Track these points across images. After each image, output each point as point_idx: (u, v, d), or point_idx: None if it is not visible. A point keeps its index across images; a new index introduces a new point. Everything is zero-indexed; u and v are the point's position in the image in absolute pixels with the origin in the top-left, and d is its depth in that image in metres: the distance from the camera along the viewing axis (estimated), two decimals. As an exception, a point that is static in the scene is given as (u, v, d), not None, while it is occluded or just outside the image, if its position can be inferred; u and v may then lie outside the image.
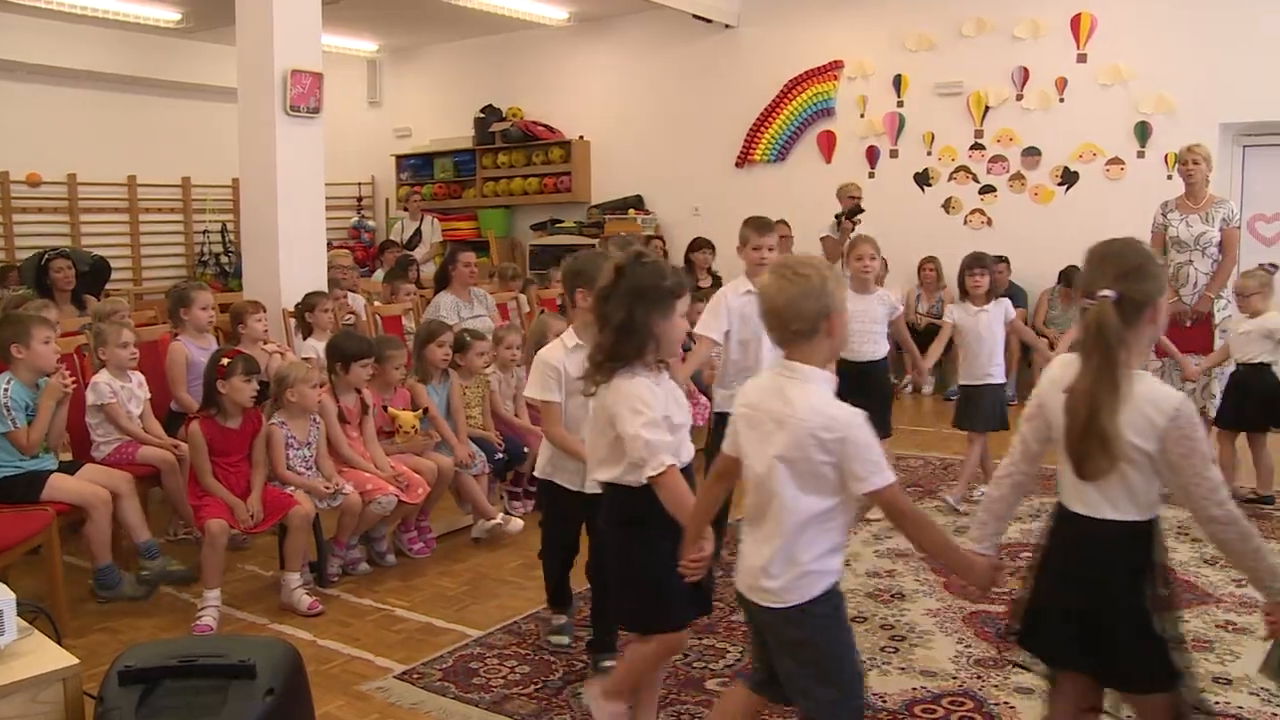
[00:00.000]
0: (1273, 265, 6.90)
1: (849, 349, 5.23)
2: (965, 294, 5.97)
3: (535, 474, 3.88)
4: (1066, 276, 8.86)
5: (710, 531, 2.77)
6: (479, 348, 5.68)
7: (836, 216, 8.80)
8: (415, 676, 3.76)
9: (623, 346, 2.82)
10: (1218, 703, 3.47)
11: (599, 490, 3.09)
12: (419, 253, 11.04)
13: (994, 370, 5.90)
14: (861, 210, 8.77)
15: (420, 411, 5.29)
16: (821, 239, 8.81)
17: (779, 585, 2.43)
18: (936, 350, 6.07)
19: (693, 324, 4.13)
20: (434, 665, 3.85)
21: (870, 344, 5.52)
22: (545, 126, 12.27)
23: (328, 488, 4.63)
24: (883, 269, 6.93)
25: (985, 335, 5.86)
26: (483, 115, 12.61)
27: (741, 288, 4.60)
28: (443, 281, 7.40)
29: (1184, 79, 8.92)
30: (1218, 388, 6.31)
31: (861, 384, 4.71)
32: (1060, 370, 2.48)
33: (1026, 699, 3.51)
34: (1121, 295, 2.34)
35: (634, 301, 2.80)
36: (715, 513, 2.78)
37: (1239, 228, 6.92)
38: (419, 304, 7.71)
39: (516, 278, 8.50)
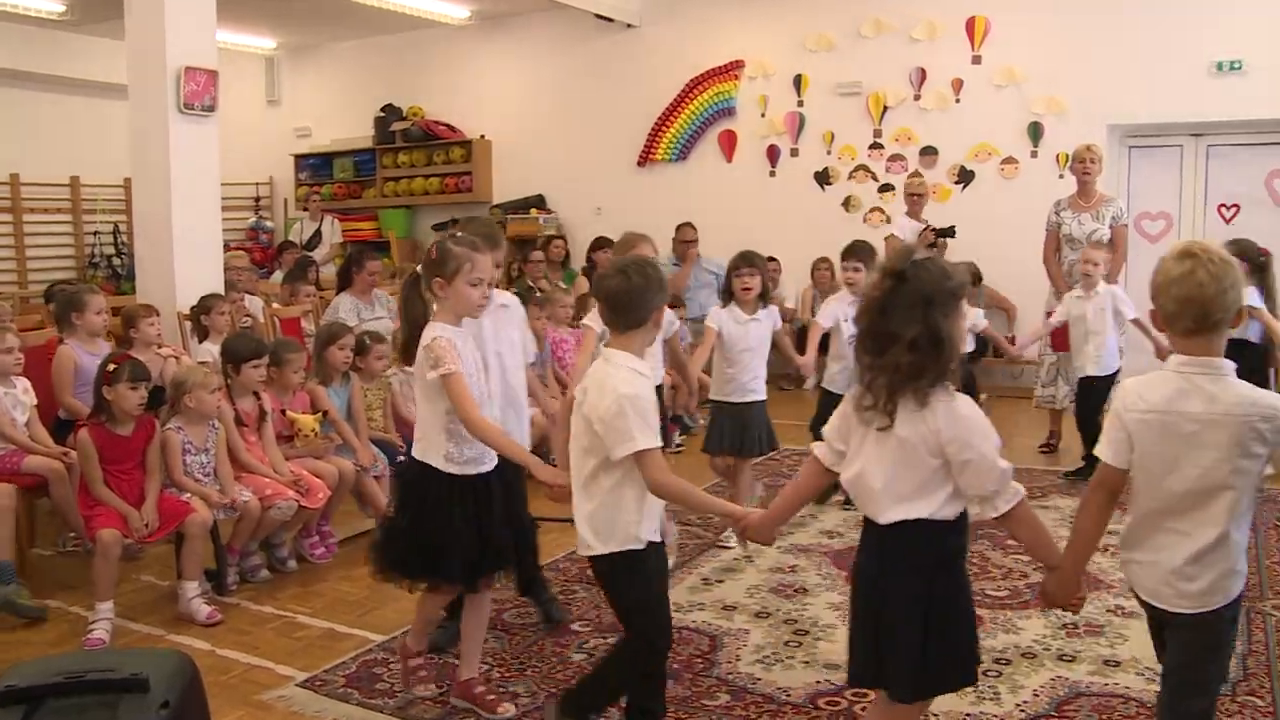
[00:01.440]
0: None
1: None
2: (732, 298, 5.20)
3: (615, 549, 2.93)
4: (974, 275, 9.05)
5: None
6: (378, 350, 5.62)
7: (933, 231, 7.94)
8: (317, 684, 3.69)
9: (927, 362, 2.39)
10: (1106, 684, 3.57)
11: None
12: (319, 254, 10.88)
13: (758, 385, 5.22)
14: (953, 233, 8.00)
15: (320, 414, 5.21)
16: (886, 238, 8.31)
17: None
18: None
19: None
20: (337, 672, 3.79)
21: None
22: (446, 126, 12.17)
23: (219, 500, 4.53)
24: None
25: (755, 346, 5.19)
26: (383, 114, 12.46)
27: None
28: (343, 283, 7.30)
29: (1073, 81, 9.17)
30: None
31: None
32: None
33: (928, 689, 3.56)
34: None
35: (927, 309, 2.41)
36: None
37: (1127, 225, 7.12)
38: (318, 306, 7.59)
39: (418, 278, 8.41)
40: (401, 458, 5.50)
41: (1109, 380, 6.17)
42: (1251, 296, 5.56)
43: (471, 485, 3.29)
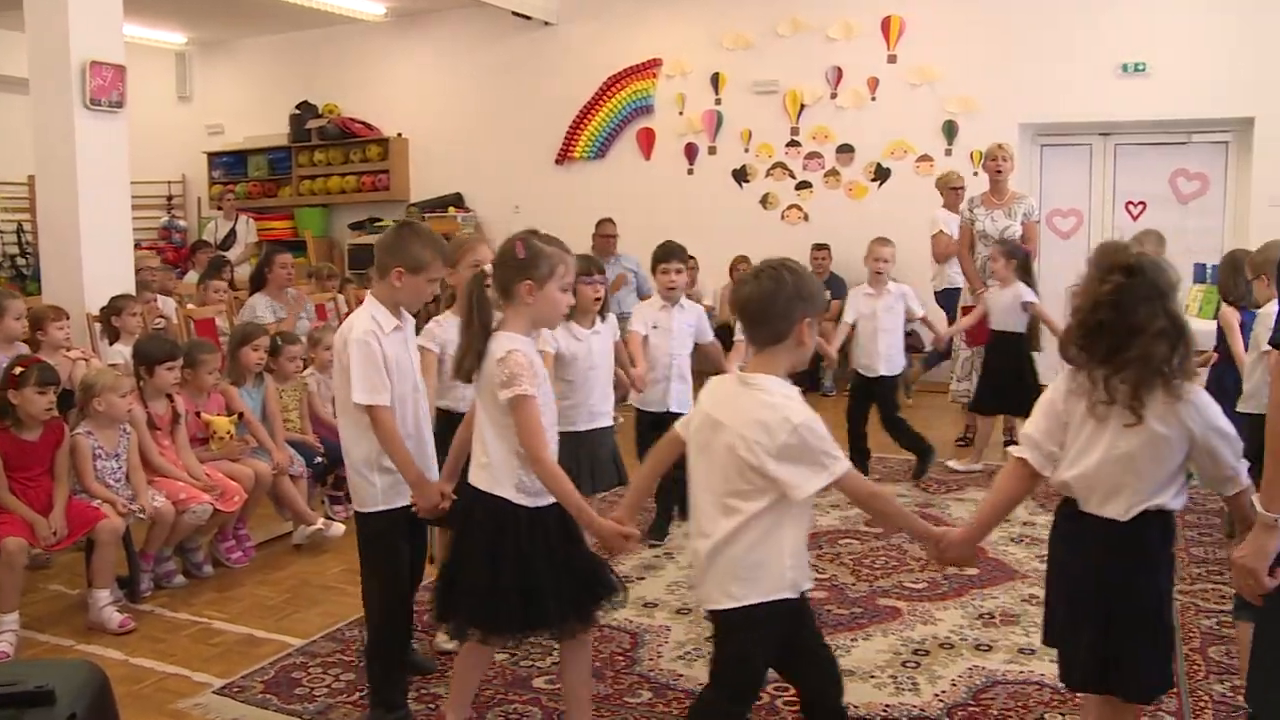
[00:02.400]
0: None
1: None
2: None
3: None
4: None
5: None
6: (291, 351, 5.55)
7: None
8: (235, 690, 3.63)
9: (1174, 352, 2.36)
10: (1022, 672, 3.64)
11: None
12: (234, 253, 10.69)
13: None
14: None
15: (235, 416, 5.12)
16: (934, 235, 8.39)
17: None
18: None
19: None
20: (255, 677, 3.72)
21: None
22: (363, 124, 12.04)
23: (124, 509, 4.41)
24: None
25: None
26: (298, 112, 12.29)
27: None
28: (258, 283, 7.20)
29: (986, 81, 9.34)
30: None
31: None
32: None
33: (848, 680, 3.59)
34: None
35: (1164, 300, 2.39)
36: None
37: (1038, 222, 7.26)
38: (233, 306, 7.46)
39: (333, 277, 8.32)
40: (319, 459, 5.45)
41: (896, 380, 6.40)
42: (1026, 293, 6.22)
43: (543, 516, 2.89)
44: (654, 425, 4.68)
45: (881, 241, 6.29)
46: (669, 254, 5.17)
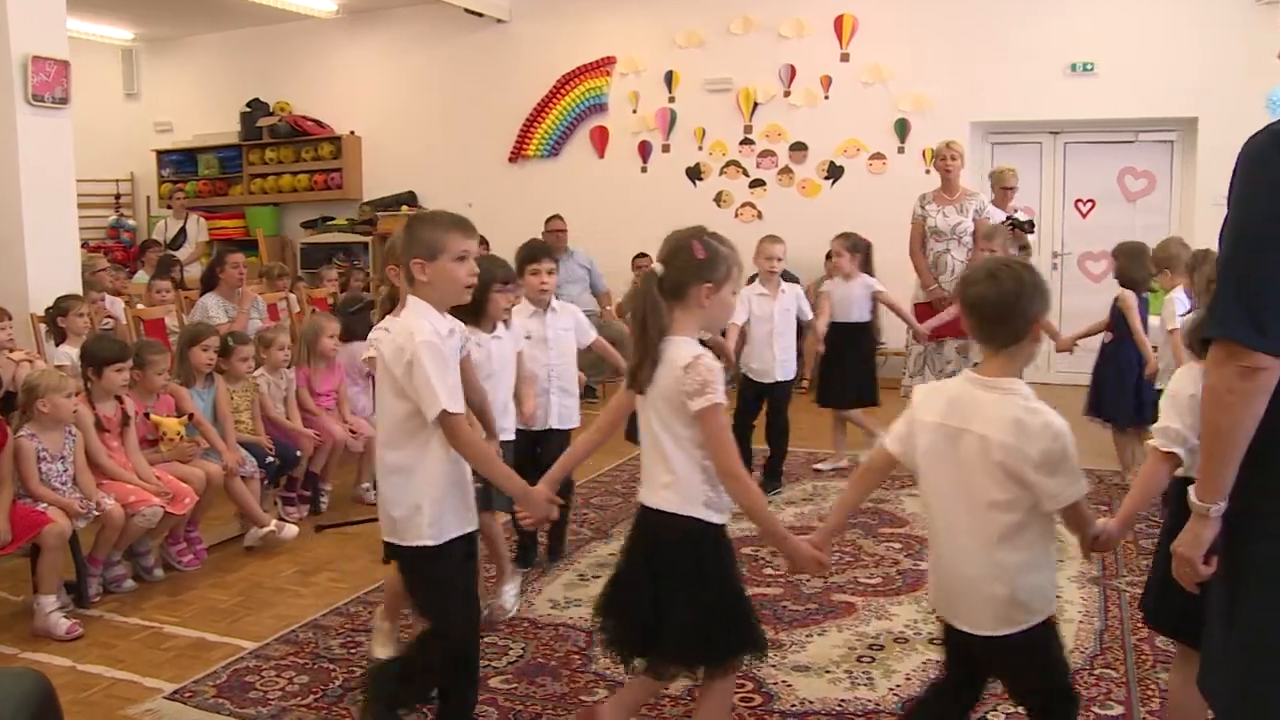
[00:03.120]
0: None
1: None
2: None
3: None
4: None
5: None
6: (243, 352, 5.49)
7: (1012, 223, 7.36)
8: (187, 695, 3.58)
9: None
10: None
11: None
12: (184, 253, 10.58)
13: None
14: (1032, 227, 7.69)
15: (185, 417, 5.06)
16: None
17: None
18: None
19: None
20: (207, 682, 3.68)
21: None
22: (315, 122, 11.95)
23: (83, 506, 4.36)
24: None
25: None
26: (249, 110, 12.17)
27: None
28: (209, 283, 7.12)
29: (938, 80, 9.43)
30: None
31: None
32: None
33: (804, 676, 3.62)
34: None
35: None
36: None
37: (989, 219, 7.31)
38: (183, 306, 7.38)
39: (285, 277, 8.24)
40: (271, 459, 5.40)
41: (790, 386, 6.23)
42: (875, 284, 6.34)
43: (726, 532, 2.75)
44: (533, 444, 4.51)
45: (772, 240, 6.09)
46: (537, 254, 4.61)
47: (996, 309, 2.41)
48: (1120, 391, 5.78)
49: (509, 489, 2.90)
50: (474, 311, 3.75)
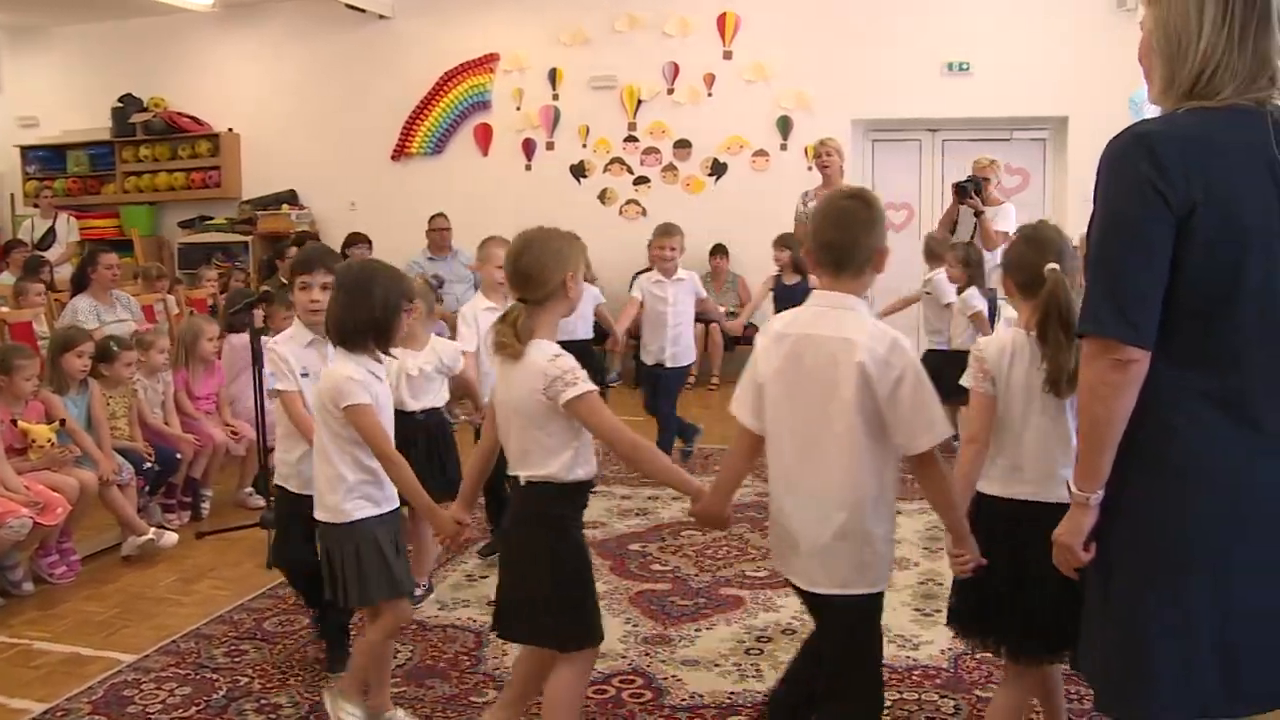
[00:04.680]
0: None
1: None
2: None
3: None
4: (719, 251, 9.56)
5: None
6: (126, 357, 5.34)
7: (956, 187, 7.39)
8: (59, 714, 3.47)
9: None
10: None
11: None
12: (54, 253, 10.20)
13: None
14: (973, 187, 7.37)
15: (56, 424, 4.89)
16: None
17: None
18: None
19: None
20: (81, 699, 3.56)
21: None
22: (191, 118, 11.63)
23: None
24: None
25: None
26: (121, 105, 11.78)
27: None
28: (80, 284, 6.89)
29: (819, 78, 9.59)
30: None
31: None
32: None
33: (693, 670, 3.66)
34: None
35: None
36: None
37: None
38: (52, 307, 7.14)
39: (163, 277, 8.03)
40: (149, 465, 5.26)
41: (685, 372, 6.32)
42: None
43: None
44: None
45: (666, 231, 6.07)
46: (311, 262, 3.68)
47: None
48: None
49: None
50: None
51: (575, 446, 2.73)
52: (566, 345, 2.79)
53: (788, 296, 6.50)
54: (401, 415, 3.60)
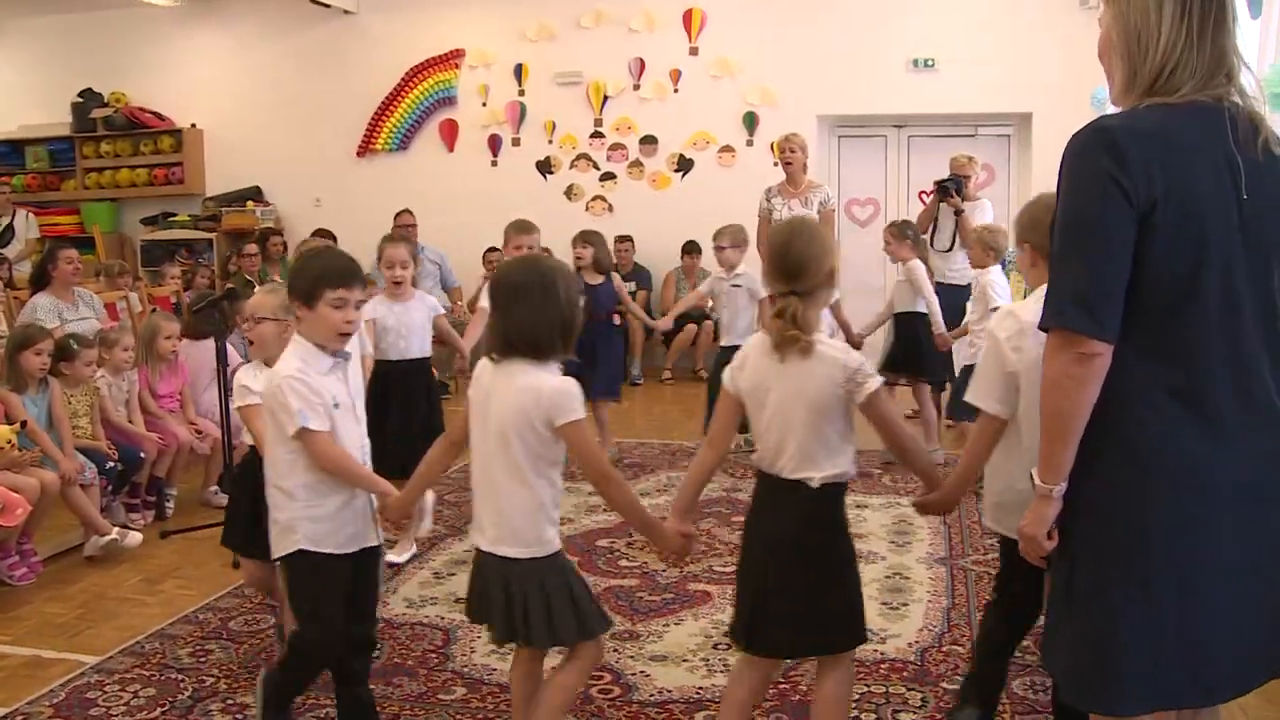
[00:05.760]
0: None
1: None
2: None
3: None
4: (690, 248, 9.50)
5: None
6: (87, 356, 5.27)
7: (937, 184, 7.55)
8: (19, 718, 3.42)
9: None
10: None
11: None
12: (12, 250, 10.07)
13: None
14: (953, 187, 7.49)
15: (16, 425, 4.83)
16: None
17: None
18: None
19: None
20: (42, 702, 3.52)
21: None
22: (153, 114, 11.50)
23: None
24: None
25: None
26: (81, 100, 11.64)
27: None
28: (41, 281, 6.80)
29: (785, 74, 9.62)
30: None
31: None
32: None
33: (661, 665, 3.66)
34: None
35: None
36: None
37: (835, 210, 7.50)
38: (12, 306, 7.05)
39: (124, 274, 7.94)
40: (112, 464, 5.20)
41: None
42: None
43: None
44: None
45: (519, 229, 5.84)
46: (351, 275, 3.02)
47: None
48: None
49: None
50: None
51: (854, 440, 2.68)
52: None
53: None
54: None
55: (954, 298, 6.61)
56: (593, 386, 5.69)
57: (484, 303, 5.60)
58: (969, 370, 4.80)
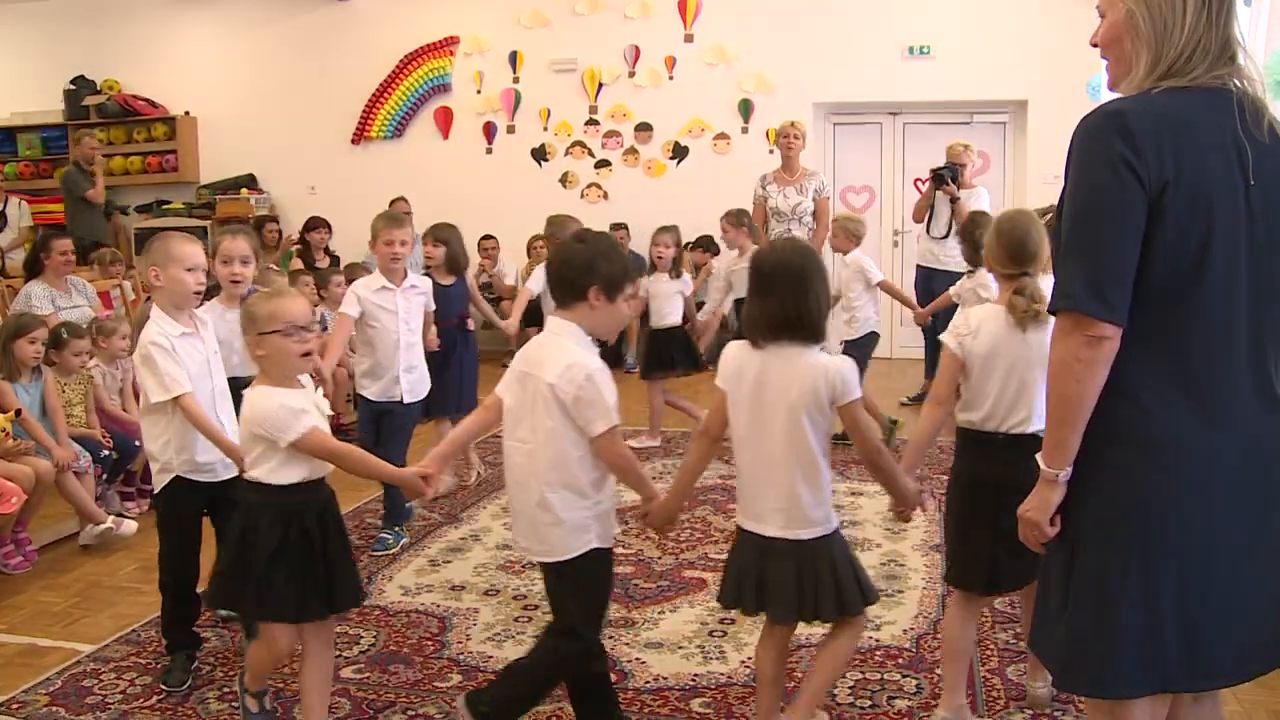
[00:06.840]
0: None
1: None
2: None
3: None
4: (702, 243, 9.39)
5: None
6: (77, 346, 5.26)
7: (933, 172, 7.68)
8: (15, 706, 3.43)
9: None
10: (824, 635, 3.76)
11: None
12: (5, 239, 10.05)
13: None
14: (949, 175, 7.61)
15: (11, 414, 4.83)
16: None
17: None
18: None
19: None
20: (39, 690, 3.52)
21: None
22: (147, 101, 11.47)
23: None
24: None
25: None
26: (73, 87, 11.60)
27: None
28: (34, 269, 6.80)
29: (781, 61, 9.60)
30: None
31: None
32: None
33: (657, 652, 3.67)
34: None
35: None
36: None
37: (830, 198, 7.49)
38: (3, 293, 7.04)
39: (118, 263, 7.93)
40: (107, 453, 5.20)
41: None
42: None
43: None
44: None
45: (395, 219, 5.34)
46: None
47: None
48: None
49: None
50: None
51: None
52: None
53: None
54: None
55: (949, 284, 6.61)
56: (447, 400, 5.38)
57: (532, 284, 5.91)
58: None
